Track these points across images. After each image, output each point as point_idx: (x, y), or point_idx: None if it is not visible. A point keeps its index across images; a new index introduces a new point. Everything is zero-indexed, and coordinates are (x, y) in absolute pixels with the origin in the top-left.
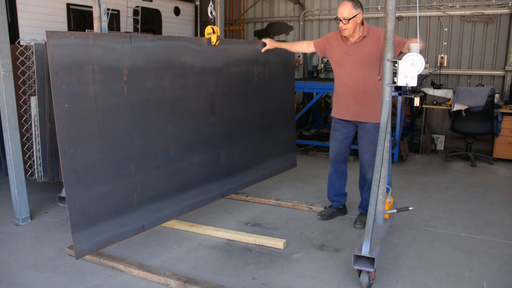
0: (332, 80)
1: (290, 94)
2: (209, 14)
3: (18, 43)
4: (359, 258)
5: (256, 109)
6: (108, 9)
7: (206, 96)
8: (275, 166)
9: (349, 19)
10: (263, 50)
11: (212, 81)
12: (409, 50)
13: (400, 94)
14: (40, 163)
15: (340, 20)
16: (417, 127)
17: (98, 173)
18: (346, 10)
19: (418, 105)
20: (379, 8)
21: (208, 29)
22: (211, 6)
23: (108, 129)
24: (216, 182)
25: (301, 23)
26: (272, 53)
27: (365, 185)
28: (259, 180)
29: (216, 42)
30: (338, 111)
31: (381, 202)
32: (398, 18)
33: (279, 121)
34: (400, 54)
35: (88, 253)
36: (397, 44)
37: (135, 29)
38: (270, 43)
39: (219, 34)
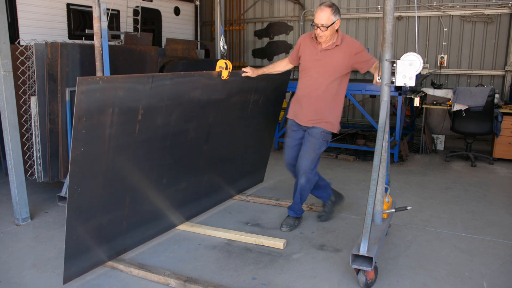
0: None
1: (277, 113)
2: (221, 48)
3: (18, 43)
4: (357, 257)
5: (244, 133)
6: (108, 9)
7: (205, 126)
8: (246, 183)
9: (327, 26)
10: (243, 75)
11: (212, 112)
12: (376, 70)
13: (400, 94)
14: (40, 163)
15: (318, 27)
16: (417, 127)
17: (97, 207)
18: (325, 17)
19: (418, 105)
20: (379, 8)
21: (221, 63)
22: (222, 40)
23: (115, 167)
24: (194, 203)
25: (301, 23)
26: (269, 80)
27: (296, 189)
28: (227, 198)
29: (226, 77)
30: (293, 112)
31: (379, 201)
32: (398, 18)
33: (263, 141)
34: (366, 71)
35: (75, 277)
36: (367, 60)
37: (135, 29)
38: (251, 72)
39: (231, 70)
